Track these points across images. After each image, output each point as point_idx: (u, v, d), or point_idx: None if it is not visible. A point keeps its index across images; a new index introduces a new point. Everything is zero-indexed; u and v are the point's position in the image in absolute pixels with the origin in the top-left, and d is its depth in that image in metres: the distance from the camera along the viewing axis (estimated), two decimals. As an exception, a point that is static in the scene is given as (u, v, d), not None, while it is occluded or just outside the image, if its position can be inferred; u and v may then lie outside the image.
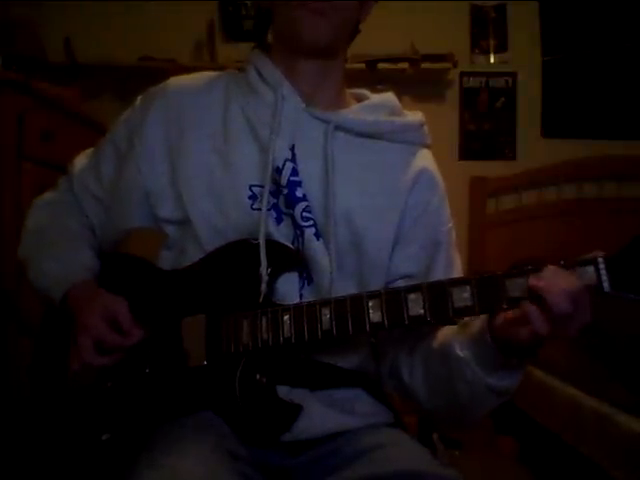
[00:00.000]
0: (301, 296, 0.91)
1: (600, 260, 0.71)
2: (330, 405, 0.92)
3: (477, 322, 0.83)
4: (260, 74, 0.96)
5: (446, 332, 0.90)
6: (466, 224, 3.06)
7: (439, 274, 0.96)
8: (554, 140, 3.18)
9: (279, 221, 0.91)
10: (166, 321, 0.92)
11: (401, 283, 0.96)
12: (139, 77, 1.06)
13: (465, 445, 2.36)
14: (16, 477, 1.49)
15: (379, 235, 0.94)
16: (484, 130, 3.19)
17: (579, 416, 1.83)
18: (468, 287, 0.76)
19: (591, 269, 0.71)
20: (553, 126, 3.20)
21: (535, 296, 0.72)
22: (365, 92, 1.04)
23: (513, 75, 3.19)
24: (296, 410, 0.88)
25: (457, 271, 1.00)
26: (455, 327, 0.88)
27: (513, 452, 2.42)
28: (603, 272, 0.71)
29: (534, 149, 3.16)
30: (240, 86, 0.98)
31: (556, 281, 0.71)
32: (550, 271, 0.73)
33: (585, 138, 3.15)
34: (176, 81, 1.01)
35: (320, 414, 0.90)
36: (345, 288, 0.90)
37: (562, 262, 0.74)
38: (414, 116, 1.01)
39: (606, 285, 0.70)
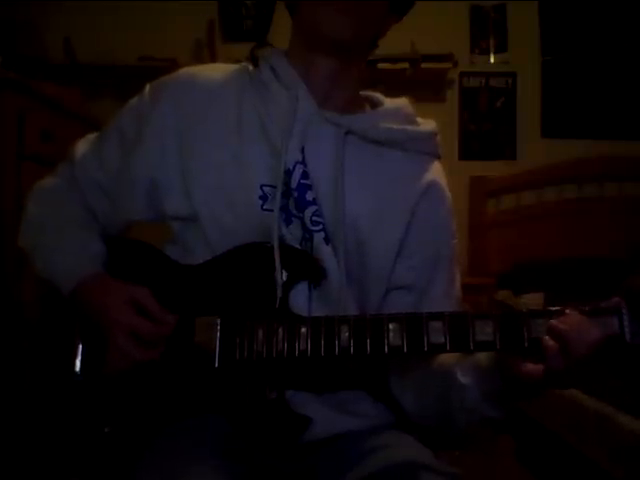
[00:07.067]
0: (310, 300, 0.90)
1: (624, 311, 0.73)
2: (333, 407, 0.92)
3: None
4: (274, 72, 0.95)
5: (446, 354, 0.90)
6: (466, 224, 3.06)
7: (440, 289, 0.96)
8: (554, 140, 3.18)
9: (288, 223, 0.90)
10: (180, 318, 0.90)
11: (400, 293, 0.95)
12: (139, 77, 1.05)
13: (464, 444, 2.36)
14: (18, 468, 1.48)
15: (383, 243, 0.93)
16: (484, 130, 3.19)
17: (580, 416, 1.83)
18: (491, 322, 0.76)
19: (615, 319, 0.73)
20: (553, 126, 3.20)
21: (556, 336, 0.74)
22: (378, 96, 1.02)
23: (513, 75, 3.19)
24: (305, 422, 0.87)
25: (457, 289, 0.99)
26: None
27: (512, 451, 2.42)
28: (626, 323, 0.73)
29: (534, 149, 3.17)
30: (253, 83, 0.96)
31: (579, 328, 0.73)
32: (573, 317, 0.74)
33: (585, 138, 3.16)
34: (188, 72, 0.98)
35: (324, 416, 0.89)
36: (348, 293, 0.89)
37: (586, 308, 0.75)
38: (427, 125, 1.00)
39: (628, 337, 0.73)
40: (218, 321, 0.87)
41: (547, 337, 0.74)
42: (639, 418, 1.58)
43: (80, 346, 0.96)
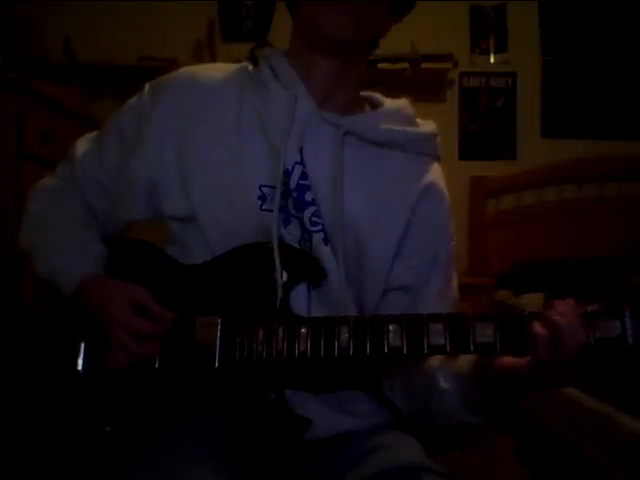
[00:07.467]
0: (309, 300, 0.90)
1: (627, 314, 0.73)
2: (333, 407, 0.92)
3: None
4: (274, 72, 0.95)
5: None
6: (466, 224, 3.07)
7: (434, 289, 0.96)
8: (554, 140, 3.18)
9: (287, 223, 0.90)
10: (180, 318, 0.90)
11: (398, 294, 0.96)
12: (139, 77, 1.05)
13: (465, 444, 2.36)
14: (19, 467, 1.49)
15: (382, 243, 0.93)
16: (484, 130, 3.19)
17: (580, 416, 1.83)
18: (491, 324, 0.76)
19: (617, 322, 0.73)
20: (553, 126, 3.20)
21: (549, 325, 0.73)
22: (378, 96, 1.02)
23: (513, 75, 3.20)
24: (305, 424, 0.87)
25: (453, 289, 0.99)
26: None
27: (512, 451, 2.42)
28: (629, 326, 0.73)
29: (534, 149, 3.17)
30: (253, 82, 0.96)
31: (574, 324, 0.73)
32: (570, 312, 0.74)
33: (585, 138, 3.16)
34: (188, 71, 0.98)
35: (323, 416, 0.89)
36: (347, 294, 0.90)
37: (589, 308, 0.75)
38: (427, 126, 1.00)
39: (631, 340, 0.73)
40: (219, 321, 0.87)
41: (539, 324, 0.73)
42: (639, 418, 1.58)
43: (82, 345, 0.96)
